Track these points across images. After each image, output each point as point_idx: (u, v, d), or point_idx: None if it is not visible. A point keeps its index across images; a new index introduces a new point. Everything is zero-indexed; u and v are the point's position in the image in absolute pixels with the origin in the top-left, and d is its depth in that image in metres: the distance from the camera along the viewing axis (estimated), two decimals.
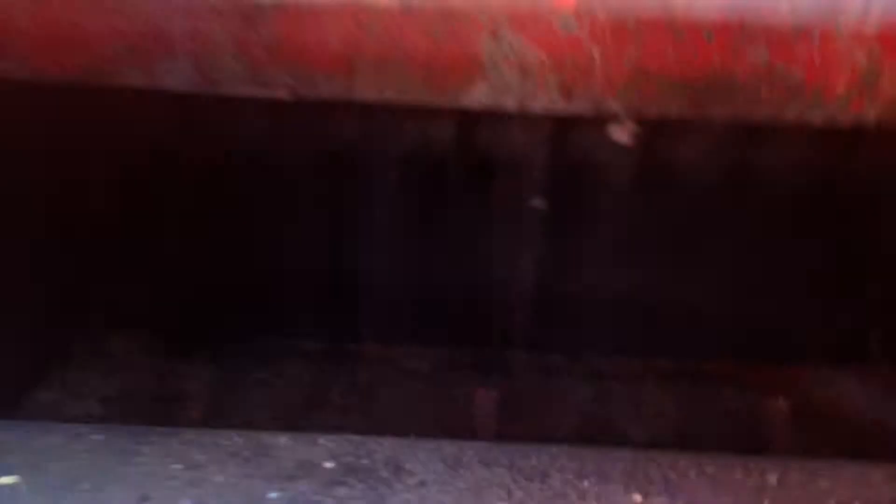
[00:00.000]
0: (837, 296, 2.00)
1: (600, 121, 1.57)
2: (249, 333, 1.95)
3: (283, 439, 1.15)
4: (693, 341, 1.96)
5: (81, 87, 1.08)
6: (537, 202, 1.83)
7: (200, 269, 1.95)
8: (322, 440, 1.15)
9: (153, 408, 1.77)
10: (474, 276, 1.97)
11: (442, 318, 1.97)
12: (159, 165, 1.76)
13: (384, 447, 1.13)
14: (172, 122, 1.61)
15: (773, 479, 0.97)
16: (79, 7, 1.02)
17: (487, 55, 1.02)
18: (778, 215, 1.91)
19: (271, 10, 1.02)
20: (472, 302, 1.98)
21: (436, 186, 1.85)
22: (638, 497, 0.93)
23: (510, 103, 1.06)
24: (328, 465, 1.08)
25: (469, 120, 1.60)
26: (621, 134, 1.45)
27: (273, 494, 0.98)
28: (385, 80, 1.05)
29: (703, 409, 1.79)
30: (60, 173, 1.74)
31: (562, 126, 1.57)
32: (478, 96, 1.06)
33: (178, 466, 1.03)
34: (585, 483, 0.94)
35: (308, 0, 1.02)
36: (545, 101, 1.05)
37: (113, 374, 1.85)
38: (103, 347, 1.92)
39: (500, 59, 1.03)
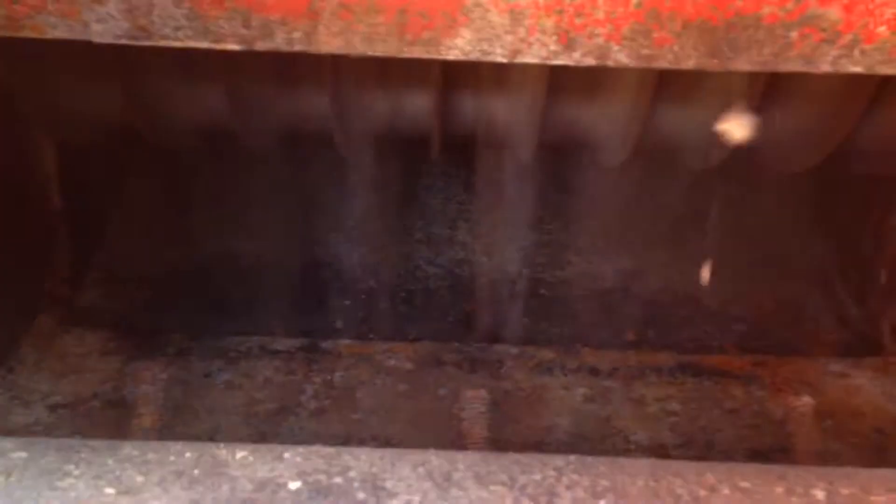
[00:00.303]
0: (853, 284, 1.89)
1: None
2: (214, 331, 1.81)
3: (241, 454, 0.99)
4: (695, 334, 1.85)
5: None
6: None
7: (159, 261, 1.81)
8: (288, 454, 0.99)
9: (106, 415, 1.61)
10: (459, 266, 1.85)
11: (424, 311, 1.84)
12: (104, 144, 1.60)
13: (361, 461, 0.97)
14: (114, 92, 1.43)
15: (819, 494, 0.81)
16: None
17: None
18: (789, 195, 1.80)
19: None
20: (456, 293, 1.85)
21: (414, 167, 1.72)
22: None
23: (499, 54, 0.90)
24: (293, 485, 0.92)
25: (450, 86, 1.44)
26: (738, 129, 1.24)
27: None
28: (352, 28, 0.90)
29: (710, 408, 1.65)
30: None
31: (556, 91, 1.41)
32: (461, 46, 0.90)
33: (111, 491, 0.87)
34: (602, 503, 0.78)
35: None
36: (540, 50, 0.90)
37: (65, 377, 1.70)
38: (55, 348, 1.76)
39: (487, 1, 0.87)
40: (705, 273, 1.90)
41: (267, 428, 1.61)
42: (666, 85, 1.36)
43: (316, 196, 1.81)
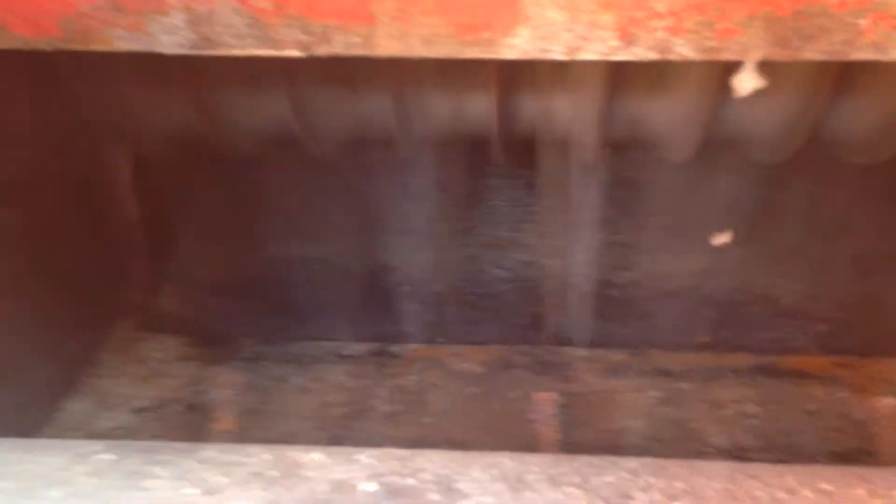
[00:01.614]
0: None
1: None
2: (287, 336, 1.84)
3: (316, 456, 1.00)
4: (773, 334, 1.79)
5: (65, 53, 0.96)
6: None
7: (231, 268, 1.84)
8: (361, 456, 1.00)
9: (185, 418, 1.66)
10: (525, 268, 1.83)
11: (493, 314, 1.83)
12: (176, 154, 1.64)
13: (434, 463, 0.96)
14: (183, 101, 1.47)
15: None
16: None
17: None
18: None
19: None
20: (523, 295, 1.83)
21: (477, 169, 1.71)
22: None
23: (557, 51, 0.89)
24: (368, 486, 0.92)
25: (510, 86, 1.44)
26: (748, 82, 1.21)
27: None
28: (409, 30, 0.90)
29: (790, 410, 1.59)
30: (70, 163, 1.63)
31: (618, 87, 1.39)
32: (519, 45, 0.90)
33: (194, 491, 0.89)
34: None
35: None
36: (599, 46, 0.89)
37: (146, 381, 1.76)
38: (135, 354, 1.82)
39: None
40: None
41: (340, 431, 1.63)
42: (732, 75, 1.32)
43: (381, 200, 1.82)
